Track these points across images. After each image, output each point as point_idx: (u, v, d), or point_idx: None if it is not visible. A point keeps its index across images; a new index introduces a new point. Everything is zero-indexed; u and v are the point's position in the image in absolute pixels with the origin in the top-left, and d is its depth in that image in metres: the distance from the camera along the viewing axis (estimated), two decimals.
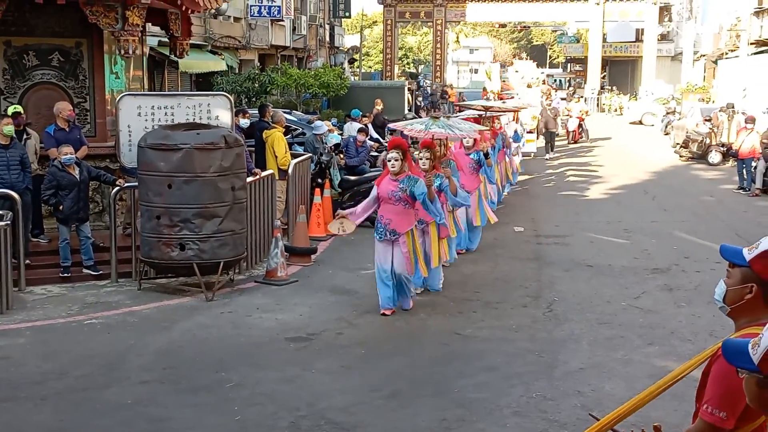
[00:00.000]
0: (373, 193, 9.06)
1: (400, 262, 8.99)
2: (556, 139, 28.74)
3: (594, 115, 48.85)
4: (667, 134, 33.14)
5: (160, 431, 6.26)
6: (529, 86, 28.49)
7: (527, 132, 25.13)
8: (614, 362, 7.75)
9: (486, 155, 12.71)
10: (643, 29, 53.30)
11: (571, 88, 67.98)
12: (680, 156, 26.14)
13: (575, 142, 31.28)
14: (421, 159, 9.70)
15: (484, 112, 16.86)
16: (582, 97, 36.38)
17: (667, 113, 35.88)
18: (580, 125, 32.15)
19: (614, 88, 56.47)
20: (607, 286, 10.56)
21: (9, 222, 9.59)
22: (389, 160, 8.98)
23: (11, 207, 9.96)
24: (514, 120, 21.12)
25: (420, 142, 10.14)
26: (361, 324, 8.95)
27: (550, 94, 38.39)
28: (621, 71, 61.56)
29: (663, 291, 10.38)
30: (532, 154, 25.33)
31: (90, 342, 8.36)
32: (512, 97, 30.44)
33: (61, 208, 10.35)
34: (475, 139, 12.41)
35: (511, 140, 18.23)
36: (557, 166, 24.21)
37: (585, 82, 58.03)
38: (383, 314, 9.04)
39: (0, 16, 11.05)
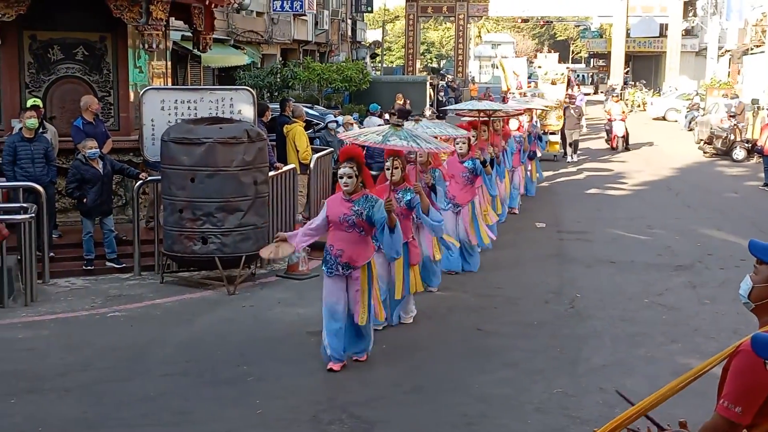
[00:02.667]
0: (322, 214, 7.28)
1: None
2: (581, 145, 26.01)
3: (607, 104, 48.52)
4: (690, 130, 32.86)
5: (182, 424, 6.28)
6: (553, 83, 26.84)
7: (551, 134, 23.59)
8: (637, 359, 7.71)
9: (484, 163, 10.94)
10: (667, 24, 52.90)
11: (593, 84, 67.66)
12: (704, 152, 25.95)
13: (619, 149, 26.81)
14: (388, 170, 8.11)
15: (479, 116, 13.70)
16: (619, 96, 30.10)
17: (691, 109, 35.60)
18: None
19: (638, 83, 56.06)
20: (630, 283, 10.50)
21: (33, 215, 9.67)
22: (341, 177, 7.13)
23: (35, 200, 10.05)
24: (529, 121, 18.42)
25: (385, 150, 8.20)
26: None
27: (569, 82, 34.51)
28: (644, 66, 61.18)
29: (686, 288, 10.31)
30: (555, 157, 23.89)
31: (113, 334, 8.42)
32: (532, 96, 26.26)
33: (84, 201, 10.43)
34: (469, 145, 10.92)
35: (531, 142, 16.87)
36: (579, 162, 24.04)
37: (608, 78, 57.69)
38: (330, 370, 7.22)
39: (25, 11, 11.14)
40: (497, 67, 53.95)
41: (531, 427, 6.22)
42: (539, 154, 18.81)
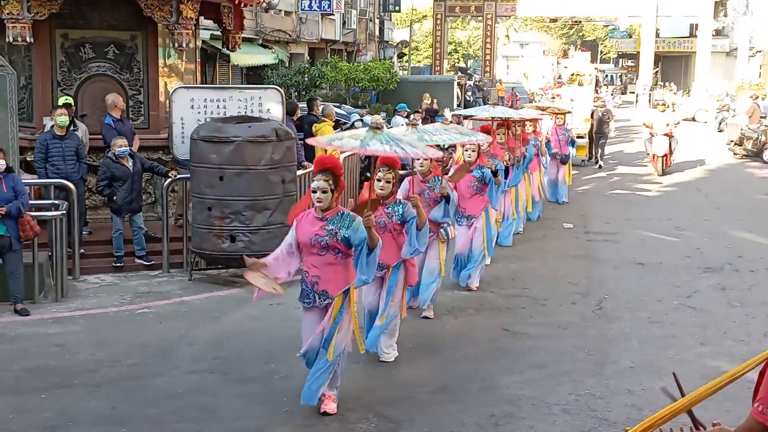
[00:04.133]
0: (290, 236, 6.37)
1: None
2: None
3: (646, 112, 48.12)
4: (720, 131, 32.57)
5: (209, 421, 6.32)
6: (580, 84, 26.03)
7: (578, 137, 21.54)
8: (665, 362, 7.64)
9: (495, 173, 9.95)
10: (697, 24, 52.42)
11: (621, 84, 67.20)
12: (734, 153, 25.69)
13: (658, 172, 21.02)
14: (379, 181, 7.22)
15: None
16: (666, 103, 23.20)
17: (721, 110, 35.27)
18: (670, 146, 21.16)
19: (666, 84, 55.62)
20: (658, 285, 10.43)
21: (64, 212, 9.78)
22: (314, 191, 6.17)
23: (66, 197, 10.16)
24: (563, 124, 17.38)
25: (378, 158, 7.23)
26: (409, 318, 8.90)
27: (597, 83, 31.92)
28: (674, 67, 60.66)
29: (716, 290, 10.22)
30: (583, 161, 22.68)
31: (142, 331, 8.49)
32: (556, 97, 25.11)
33: (114, 198, 10.52)
34: (479, 153, 9.89)
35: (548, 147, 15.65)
36: (606, 167, 23.58)
37: (637, 78, 57.26)
38: (324, 413, 6.37)
39: (58, 10, 11.27)
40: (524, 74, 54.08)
41: (558, 429, 6.19)
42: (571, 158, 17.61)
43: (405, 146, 6.23)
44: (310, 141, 6.80)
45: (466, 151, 9.87)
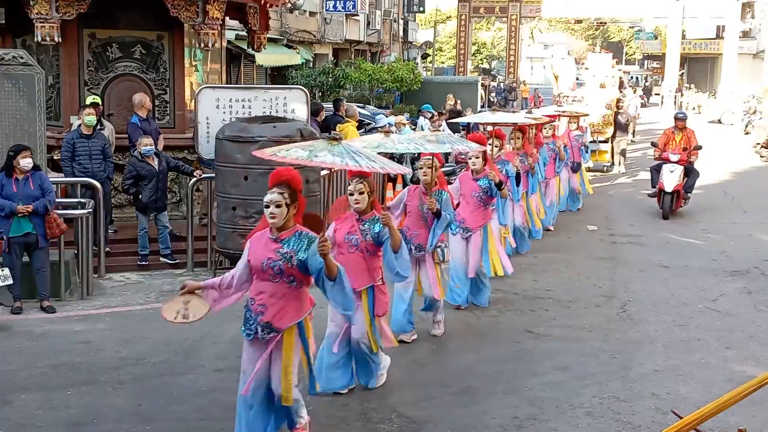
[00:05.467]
0: (242, 259, 5.64)
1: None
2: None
3: (672, 115, 47.73)
4: (747, 134, 32.26)
5: (233, 419, 6.30)
6: (602, 86, 25.31)
7: (601, 142, 21.23)
8: (691, 365, 7.59)
9: (499, 185, 9.07)
10: (724, 26, 51.99)
11: (647, 85, 66.73)
12: (761, 156, 25.44)
13: (665, 212, 15.23)
14: (351, 195, 6.56)
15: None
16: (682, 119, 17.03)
17: (748, 113, 34.96)
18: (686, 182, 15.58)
19: (691, 86, 55.24)
20: (684, 288, 10.35)
21: (90, 210, 9.87)
22: (266, 206, 5.43)
23: (93, 195, 10.25)
24: (578, 128, 16.40)
25: (348, 170, 6.38)
26: (430, 319, 8.92)
27: (621, 85, 29.76)
28: (700, 69, 60.18)
29: (742, 294, 10.13)
30: (605, 168, 21.63)
31: (167, 329, 8.48)
32: (575, 100, 23.95)
33: (140, 197, 10.60)
34: (485, 159, 9.13)
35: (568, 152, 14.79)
36: (628, 173, 23.27)
37: (662, 80, 56.89)
38: None
39: (85, 10, 11.37)
40: (545, 68, 53.59)
41: (582, 431, 6.17)
42: (584, 165, 16.62)
43: (360, 159, 5.23)
44: (255, 153, 5.78)
45: (470, 158, 9.09)
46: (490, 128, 11.64)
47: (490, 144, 9.99)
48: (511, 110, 19.78)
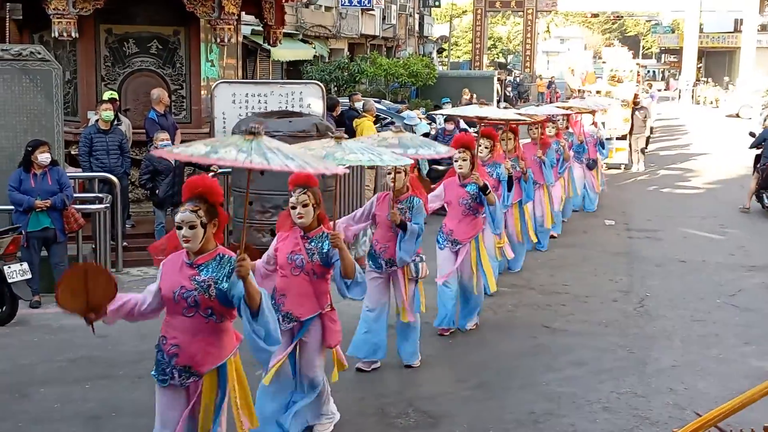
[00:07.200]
0: (155, 284, 4.71)
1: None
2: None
3: (689, 109, 47.53)
4: (765, 128, 31.99)
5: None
6: (619, 81, 24.50)
7: (618, 139, 20.15)
8: (708, 360, 7.56)
9: (484, 190, 7.82)
10: (742, 19, 51.62)
11: (664, 80, 66.39)
12: None
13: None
14: (294, 208, 5.60)
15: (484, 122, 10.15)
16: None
17: (766, 106, 34.71)
18: None
19: (708, 80, 54.86)
20: (702, 283, 10.30)
21: (108, 205, 9.91)
22: (179, 227, 4.50)
23: (110, 190, 10.29)
24: (592, 124, 15.74)
25: (289, 179, 5.69)
26: None
27: (640, 78, 28.67)
28: (717, 62, 59.83)
29: (761, 289, 10.07)
30: (623, 166, 20.94)
31: None
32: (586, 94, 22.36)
33: (157, 192, 10.63)
34: (473, 162, 7.97)
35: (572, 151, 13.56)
36: (646, 171, 22.81)
37: (680, 74, 56.56)
38: None
39: (102, 5, 11.40)
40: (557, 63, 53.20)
41: (598, 427, 6.15)
42: (600, 163, 15.77)
43: (274, 156, 3.96)
44: (154, 152, 4.88)
45: (456, 161, 7.98)
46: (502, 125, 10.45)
47: (478, 144, 8.64)
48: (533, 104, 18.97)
